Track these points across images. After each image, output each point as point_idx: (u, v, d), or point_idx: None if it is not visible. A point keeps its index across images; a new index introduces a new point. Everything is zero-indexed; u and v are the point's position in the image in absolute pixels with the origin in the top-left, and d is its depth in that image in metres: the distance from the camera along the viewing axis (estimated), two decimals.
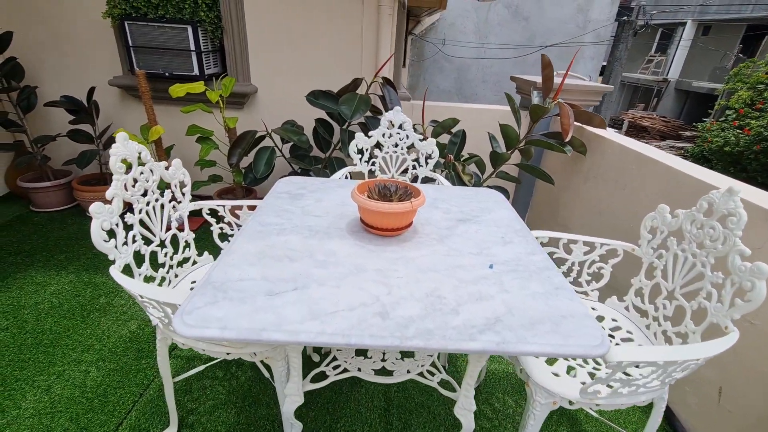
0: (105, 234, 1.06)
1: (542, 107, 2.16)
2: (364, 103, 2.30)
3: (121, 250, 1.12)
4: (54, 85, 2.92)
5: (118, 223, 1.11)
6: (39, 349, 1.75)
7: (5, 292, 2.08)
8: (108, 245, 1.07)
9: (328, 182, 1.59)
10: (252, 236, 1.13)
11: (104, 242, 1.05)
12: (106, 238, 1.06)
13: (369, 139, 1.99)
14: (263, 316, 0.82)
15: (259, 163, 2.47)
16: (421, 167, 2.04)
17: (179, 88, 2.36)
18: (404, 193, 1.19)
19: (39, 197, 2.85)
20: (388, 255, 1.09)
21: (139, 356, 1.75)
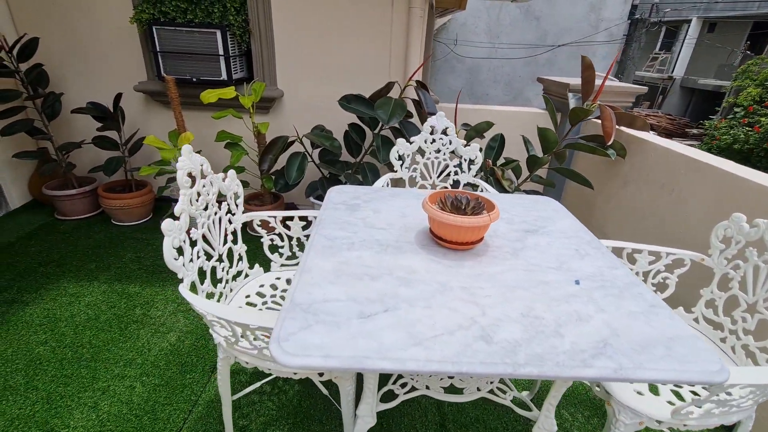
0: (175, 252, 1.02)
1: (584, 110, 2.12)
2: (400, 107, 2.25)
3: (188, 267, 1.08)
4: (78, 91, 2.88)
5: (185, 240, 1.07)
6: (80, 363, 1.71)
7: (40, 303, 2.05)
8: (177, 263, 1.02)
9: (379, 192, 1.55)
10: (322, 252, 1.08)
11: (174, 260, 1.01)
12: (176, 256, 1.02)
13: (411, 144, 1.94)
14: (363, 342, 0.77)
15: (291, 169, 2.43)
16: (463, 173, 2.00)
17: (210, 94, 2.32)
18: (477, 206, 1.15)
19: (64, 205, 2.81)
20: (467, 271, 1.04)
21: (183, 371, 1.71)
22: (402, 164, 1.98)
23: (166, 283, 2.26)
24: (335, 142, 2.45)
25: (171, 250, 1.00)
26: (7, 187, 2.85)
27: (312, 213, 1.51)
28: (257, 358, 1.12)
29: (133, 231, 2.80)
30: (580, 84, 2.33)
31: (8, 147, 2.80)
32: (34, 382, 1.61)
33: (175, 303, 2.11)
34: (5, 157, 2.80)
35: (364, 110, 2.42)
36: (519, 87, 7.69)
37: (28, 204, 3.03)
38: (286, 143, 2.48)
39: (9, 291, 2.12)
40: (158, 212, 3.06)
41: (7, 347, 1.77)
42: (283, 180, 2.54)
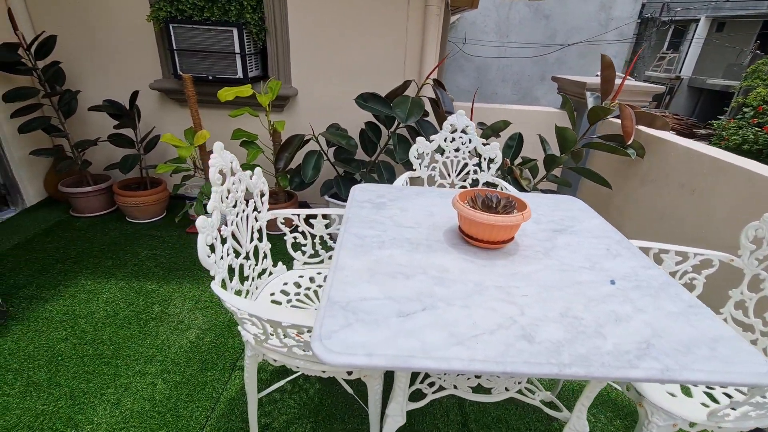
0: (208, 249, 1.01)
1: (604, 109, 2.10)
2: (417, 106, 2.24)
3: (219, 265, 1.08)
4: (94, 89, 2.89)
5: (216, 237, 1.07)
6: (102, 360, 1.72)
7: (59, 300, 2.06)
8: (210, 261, 1.02)
9: (404, 190, 1.54)
10: (354, 250, 1.08)
11: (207, 258, 1.01)
12: (209, 253, 1.02)
13: (430, 143, 1.94)
14: (405, 341, 0.77)
15: (307, 168, 2.43)
16: (483, 172, 1.99)
17: (228, 92, 2.32)
18: (508, 204, 1.14)
19: (80, 202, 2.83)
20: (500, 270, 1.03)
21: (203, 368, 1.71)
22: (421, 163, 1.97)
23: (183, 281, 2.26)
24: (351, 141, 2.44)
25: (205, 247, 1.00)
26: (23, 184, 2.87)
27: (336, 211, 1.51)
28: (286, 356, 1.12)
29: (147, 228, 2.81)
30: (599, 83, 2.31)
31: (25, 144, 2.82)
32: (57, 378, 1.62)
33: (193, 300, 2.11)
34: (22, 154, 2.81)
35: (381, 109, 2.41)
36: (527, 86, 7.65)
37: (43, 201, 3.05)
38: (302, 141, 2.48)
39: (28, 287, 2.13)
40: (172, 210, 3.07)
41: (29, 343, 1.78)
42: (298, 178, 2.54)
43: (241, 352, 1.81)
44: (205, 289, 2.21)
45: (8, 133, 2.70)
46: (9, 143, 2.72)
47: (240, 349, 1.82)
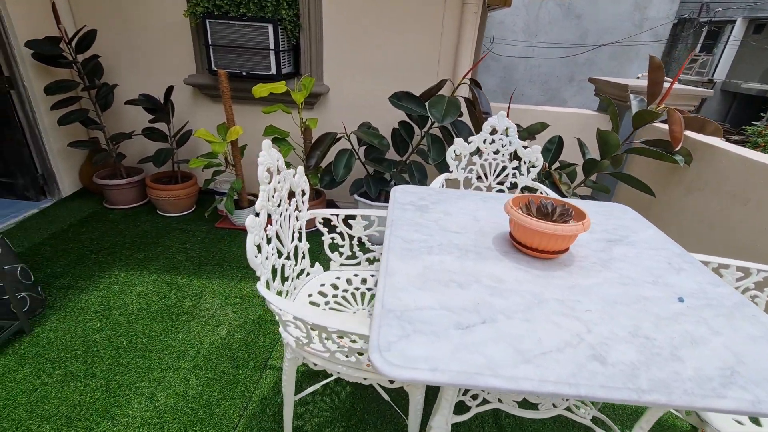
0: (256, 249, 0.99)
1: (651, 113, 2.00)
2: (454, 106, 2.19)
3: (265, 265, 1.05)
4: (130, 83, 2.93)
5: (263, 237, 1.05)
6: (135, 353, 1.73)
7: (94, 291, 2.09)
8: (257, 261, 1.00)
9: (445, 193, 1.49)
10: (402, 255, 1.04)
11: (255, 258, 0.99)
12: (257, 253, 1.00)
13: (468, 144, 1.88)
14: (469, 356, 0.72)
15: (338, 166, 2.40)
16: (522, 176, 1.92)
17: (262, 88, 2.31)
18: (564, 212, 1.08)
19: (113, 194, 2.88)
20: (558, 282, 0.98)
21: (235, 365, 1.70)
22: (458, 164, 1.92)
23: (213, 276, 2.27)
24: (384, 140, 2.40)
25: (253, 247, 0.97)
26: (60, 175, 2.94)
27: (375, 212, 1.47)
28: (328, 361, 1.09)
29: (178, 222, 2.84)
30: (642, 85, 2.21)
31: (63, 136, 2.88)
32: (93, 369, 1.64)
33: (223, 296, 2.11)
34: (60, 146, 2.88)
35: (415, 108, 2.36)
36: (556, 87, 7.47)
37: (78, 192, 3.12)
38: (334, 140, 2.45)
39: (65, 277, 2.17)
40: (201, 204, 3.10)
41: (66, 333, 1.81)
42: (329, 176, 2.52)
43: (272, 350, 1.79)
44: (234, 285, 2.21)
45: (48, 125, 2.76)
46: (48, 135, 2.78)
47: (270, 348, 1.80)
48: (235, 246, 2.59)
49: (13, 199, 2.92)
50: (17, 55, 2.52)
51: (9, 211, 2.75)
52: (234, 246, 2.59)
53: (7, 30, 2.46)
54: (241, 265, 2.39)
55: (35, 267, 2.22)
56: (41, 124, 2.73)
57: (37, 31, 2.58)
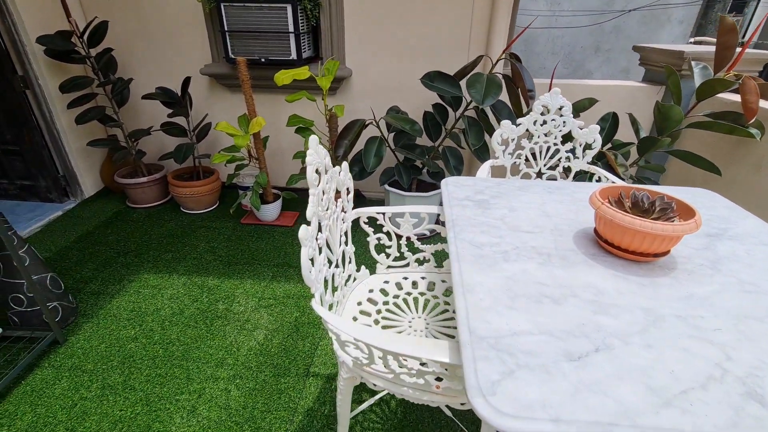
0: (310, 263, 0.86)
1: (724, 81, 1.78)
2: (495, 85, 2.00)
3: (318, 279, 0.93)
4: (143, 77, 2.81)
5: (315, 248, 0.92)
6: (172, 362, 1.65)
7: (124, 295, 2.02)
8: (312, 277, 0.87)
9: (503, 184, 1.33)
10: (476, 263, 0.90)
11: (309, 274, 0.86)
12: (311, 268, 0.87)
13: (517, 127, 1.70)
14: (595, 399, 0.59)
15: (369, 155, 2.25)
16: (577, 159, 1.74)
17: (285, 75, 2.16)
18: (665, 206, 0.91)
19: (136, 193, 2.80)
20: (667, 291, 0.82)
21: (276, 374, 1.61)
22: (505, 150, 1.75)
23: (244, 276, 2.18)
24: (416, 125, 2.23)
25: (307, 262, 0.84)
26: (81, 176, 2.87)
27: (426, 209, 1.33)
28: (392, 383, 0.97)
29: (202, 219, 2.75)
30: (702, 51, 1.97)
31: (81, 135, 2.80)
32: (131, 381, 1.57)
33: (256, 298, 2.02)
34: (80, 145, 2.80)
35: (449, 89, 2.18)
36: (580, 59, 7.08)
37: (100, 192, 3.05)
38: (362, 127, 2.29)
39: (94, 282, 2.11)
40: (224, 200, 3.00)
41: (100, 342, 1.74)
42: (358, 167, 2.37)
43: (312, 356, 1.69)
44: (267, 285, 2.11)
45: (65, 125, 2.68)
46: (67, 134, 2.70)
47: (310, 354, 1.71)
48: (263, 243, 2.49)
49: (37, 202, 2.87)
50: (29, 53, 2.41)
51: (34, 214, 2.70)
52: (262, 243, 2.48)
53: (17, 26, 2.35)
54: (272, 263, 2.29)
55: (64, 272, 2.16)
56: (59, 123, 2.65)
57: (47, 25, 2.46)
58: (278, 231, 2.62)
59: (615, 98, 2.64)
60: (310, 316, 1.90)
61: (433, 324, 1.19)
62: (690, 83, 2.16)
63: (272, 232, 2.60)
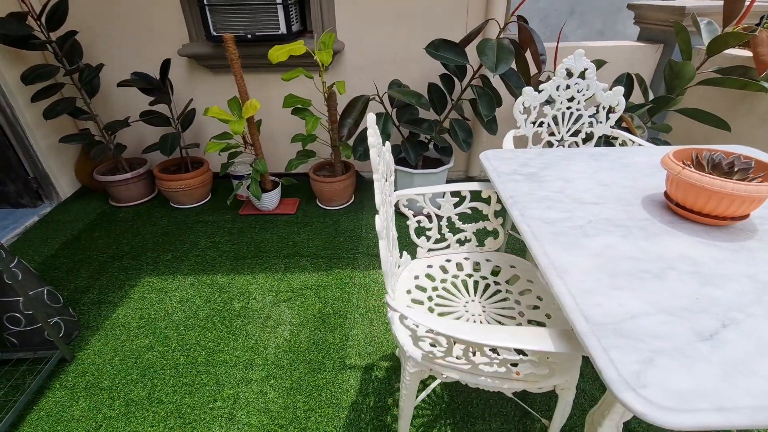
0: (388, 255, 0.78)
1: (738, 35, 1.76)
2: (506, 51, 1.90)
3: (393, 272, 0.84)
4: (115, 62, 2.55)
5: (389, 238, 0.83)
6: (197, 369, 1.55)
7: (128, 303, 1.87)
8: (391, 271, 0.79)
9: (545, 155, 1.27)
10: (556, 241, 0.84)
11: (389, 268, 0.77)
12: (388, 260, 0.78)
13: (539, 93, 1.63)
14: (749, 381, 0.55)
15: None
16: (600, 124, 1.70)
17: (279, 51, 1.99)
18: (744, 167, 0.87)
19: (119, 191, 2.58)
20: (763, 255, 0.79)
21: (311, 370, 1.54)
22: (527, 118, 1.68)
23: (254, 271, 2.06)
24: (422, 99, 2.12)
25: (387, 255, 0.76)
26: (54, 176, 2.61)
27: (467, 186, 1.25)
28: (468, 374, 0.92)
29: (196, 214, 2.58)
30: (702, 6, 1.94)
31: (50, 131, 2.53)
32: (156, 393, 1.46)
33: (273, 292, 1.92)
34: (50, 142, 2.54)
35: (455, 57, 2.07)
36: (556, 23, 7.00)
37: (79, 192, 2.81)
38: (367, 103, 2.17)
39: (91, 291, 1.94)
40: (217, 192, 2.82)
41: (113, 355, 1.61)
42: (362, 146, 2.26)
43: (344, 347, 1.63)
44: (280, 278, 2.01)
45: (31, 120, 2.41)
46: (34, 132, 2.43)
47: (342, 345, 1.64)
48: (268, 234, 2.36)
49: (8, 208, 2.61)
50: None
51: (6, 222, 2.45)
52: (266, 234, 2.36)
53: None
54: (281, 254, 2.18)
55: (56, 283, 1.98)
56: (23, 119, 2.37)
57: None
58: (281, 220, 2.50)
59: (615, 59, 2.60)
60: (334, 307, 1.83)
61: (490, 307, 1.14)
62: (693, 39, 2.13)
63: (275, 222, 2.48)
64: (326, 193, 2.51)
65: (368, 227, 2.40)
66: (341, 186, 2.49)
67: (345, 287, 1.94)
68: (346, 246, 2.24)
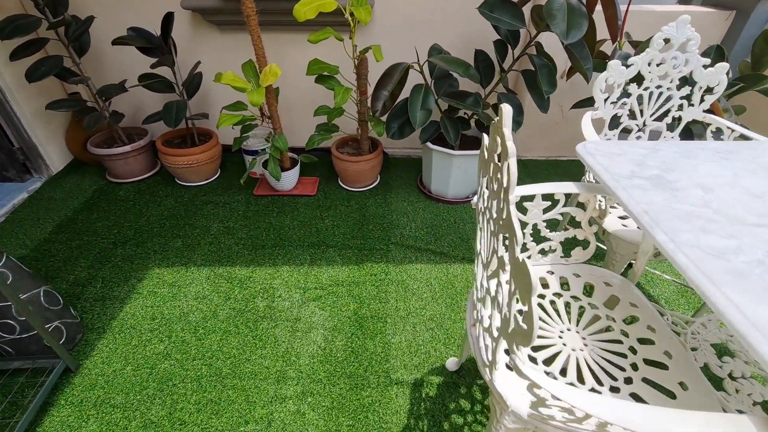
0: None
1: None
2: (579, 14, 1.60)
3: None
4: (105, 14, 2.19)
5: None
6: (223, 382, 1.36)
7: (137, 299, 1.66)
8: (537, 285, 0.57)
9: (658, 150, 1.02)
10: (743, 287, 0.62)
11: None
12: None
13: (628, 69, 1.36)
14: None
15: (415, 108, 1.87)
16: (692, 107, 1.44)
17: (307, 7, 1.67)
18: None
19: (117, 165, 2.30)
20: None
21: (353, 386, 1.36)
22: (607, 98, 1.42)
23: (277, 262, 1.84)
24: (470, 69, 1.83)
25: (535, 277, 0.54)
26: (43, 147, 2.32)
27: (561, 188, 1.01)
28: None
29: (205, 193, 2.32)
30: None
31: (34, 95, 2.21)
32: (178, 412, 1.28)
33: (300, 289, 1.71)
34: (35, 108, 2.22)
35: (511, 20, 1.76)
36: None
37: (71, 165, 2.52)
38: (406, 73, 1.87)
39: (94, 284, 1.72)
40: (226, 167, 2.55)
41: (124, 364, 1.41)
42: (397, 123, 1.99)
43: (387, 358, 1.44)
44: (307, 271, 1.80)
45: (12, 83, 2.08)
46: (15, 96, 2.11)
47: (384, 355, 1.45)
48: (288, 219, 2.12)
49: None
50: None
51: None
52: (286, 219, 2.12)
53: None
54: (305, 243, 1.96)
55: (53, 275, 1.75)
56: (2, 81, 2.05)
57: None
58: (301, 202, 2.25)
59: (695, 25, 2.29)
60: (371, 308, 1.63)
61: (592, 340, 0.94)
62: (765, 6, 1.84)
63: (294, 205, 2.23)
64: (351, 174, 2.26)
65: (398, 213, 2.17)
66: (368, 166, 2.24)
67: (380, 284, 1.74)
68: (377, 235, 2.02)
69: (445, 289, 1.73)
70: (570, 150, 2.75)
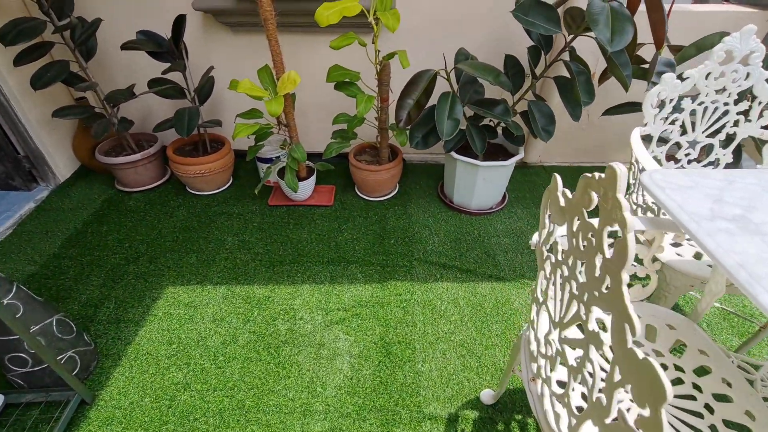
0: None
1: None
2: (625, 19, 1.49)
3: None
4: (113, 17, 2.08)
5: None
6: (246, 417, 1.29)
7: (152, 321, 1.58)
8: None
9: (733, 181, 0.92)
10: None
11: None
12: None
13: (683, 82, 1.26)
14: None
15: (442, 117, 1.76)
16: (748, 123, 1.33)
17: (329, 11, 1.56)
18: None
19: (127, 174, 2.21)
20: None
21: (384, 421, 1.28)
22: (657, 114, 1.32)
23: (296, 280, 1.76)
24: (501, 76, 1.72)
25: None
26: (49, 154, 2.23)
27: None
28: None
29: (218, 203, 2.23)
30: None
31: (40, 101, 2.12)
32: None
33: (322, 311, 1.63)
34: (40, 115, 2.13)
35: (545, 24, 1.65)
36: None
37: (78, 172, 2.43)
38: (433, 80, 1.77)
39: (106, 305, 1.64)
40: (238, 175, 2.46)
41: (142, 396, 1.34)
42: (421, 132, 1.89)
43: (418, 388, 1.36)
44: (328, 290, 1.71)
45: (16, 89, 1.99)
46: (21, 103, 2.02)
47: (415, 386, 1.37)
48: (305, 231, 2.04)
49: None
50: None
51: (0, 208, 2.11)
52: (303, 232, 2.03)
53: None
54: (324, 259, 1.87)
55: (61, 295, 1.68)
56: (6, 88, 1.96)
57: None
58: (317, 213, 2.16)
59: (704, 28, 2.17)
60: (397, 332, 1.55)
61: (671, 410, 0.85)
62: None
63: (311, 216, 2.14)
64: (370, 183, 2.16)
65: (420, 225, 2.08)
66: (388, 175, 2.14)
67: (406, 305, 1.66)
68: (399, 250, 1.93)
69: (475, 311, 1.64)
70: (593, 156, 2.65)
